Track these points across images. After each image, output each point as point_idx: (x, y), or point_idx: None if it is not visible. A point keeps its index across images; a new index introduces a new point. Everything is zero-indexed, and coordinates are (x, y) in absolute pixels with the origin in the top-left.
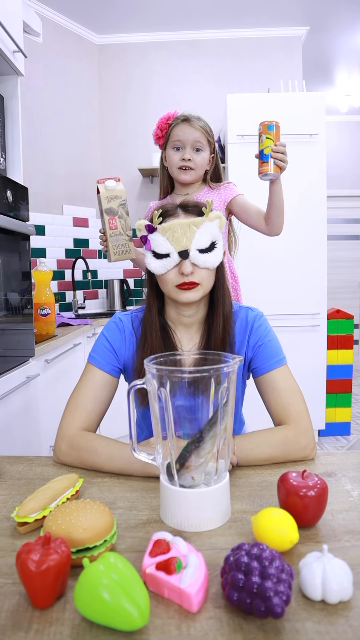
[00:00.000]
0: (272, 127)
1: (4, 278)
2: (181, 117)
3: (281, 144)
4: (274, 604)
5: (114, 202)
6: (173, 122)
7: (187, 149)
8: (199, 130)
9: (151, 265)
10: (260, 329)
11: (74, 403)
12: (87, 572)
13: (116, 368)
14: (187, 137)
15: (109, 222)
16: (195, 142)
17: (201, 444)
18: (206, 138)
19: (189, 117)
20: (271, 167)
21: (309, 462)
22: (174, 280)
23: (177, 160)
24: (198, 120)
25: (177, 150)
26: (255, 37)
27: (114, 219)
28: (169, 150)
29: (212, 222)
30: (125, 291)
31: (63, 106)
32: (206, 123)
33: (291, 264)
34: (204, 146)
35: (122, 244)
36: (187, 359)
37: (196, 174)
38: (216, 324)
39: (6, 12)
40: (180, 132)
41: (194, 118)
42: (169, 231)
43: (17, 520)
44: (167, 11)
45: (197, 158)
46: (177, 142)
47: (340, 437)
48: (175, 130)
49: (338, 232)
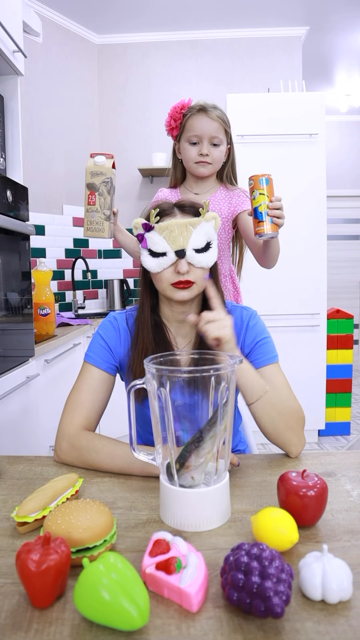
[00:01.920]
0: (265, 182)
1: (4, 278)
2: (197, 107)
3: (277, 198)
4: (273, 604)
5: (97, 178)
6: (188, 112)
7: (204, 143)
8: (216, 122)
9: (147, 263)
10: (256, 327)
11: (72, 402)
12: (87, 572)
13: (112, 366)
14: (204, 130)
15: (88, 196)
16: (213, 135)
17: (201, 444)
18: (223, 129)
19: (205, 106)
20: (268, 227)
21: (309, 462)
22: (170, 278)
23: (194, 155)
24: (215, 110)
25: (193, 145)
26: (255, 37)
27: (94, 194)
28: (184, 144)
29: (209, 223)
30: (125, 291)
31: (63, 106)
32: (223, 112)
33: (291, 264)
34: (221, 140)
35: (96, 222)
36: (186, 358)
37: (214, 167)
38: None
39: (6, 12)
40: (197, 125)
41: (210, 107)
42: (165, 230)
43: (17, 520)
44: (167, 11)
45: (214, 152)
46: (193, 137)
47: (340, 437)
48: (190, 122)
49: (338, 232)
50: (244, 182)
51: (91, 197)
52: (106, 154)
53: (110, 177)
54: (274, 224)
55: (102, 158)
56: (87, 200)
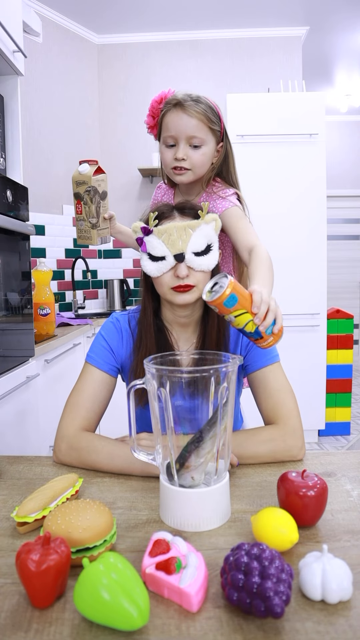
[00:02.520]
0: (231, 301)
1: (4, 278)
2: (173, 101)
3: (256, 302)
4: (273, 604)
5: (81, 187)
6: (164, 108)
7: (180, 145)
8: (194, 118)
9: (147, 267)
10: None
11: (72, 403)
12: (87, 572)
13: (114, 367)
14: (180, 129)
15: (76, 206)
16: (191, 135)
17: (201, 444)
18: (207, 127)
19: (182, 100)
20: (271, 339)
21: (309, 462)
22: (170, 282)
23: (169, 159)
24: (195, 104)
25: (170, 147)
26: (255, 37)
27: (80, 204)
28: (161, 146)
29: (208, 225)
30: (125, 291)
31: (63, 106)
32: (208, 105)
33: (291, 264)
34: (203, 140)
35: (84, 230)
36: (186, 359)
37: (194, 174)
38: (211, 326)
39: (6, 12)
40: (172, 123)
41: (189, 101)
42: (164, 234)
43: (17, 520)
44: (167, 11)
45: (194, 155)
46: (168, 138)
47: (340, 437)
48: (166, 120)
49: (338, 232)
50: (244, 185)
51: (78, 206)
52: (90, 160)
53: (94, 185)
54: (274, 333)
55: (85, 166)
56: (75, 210)
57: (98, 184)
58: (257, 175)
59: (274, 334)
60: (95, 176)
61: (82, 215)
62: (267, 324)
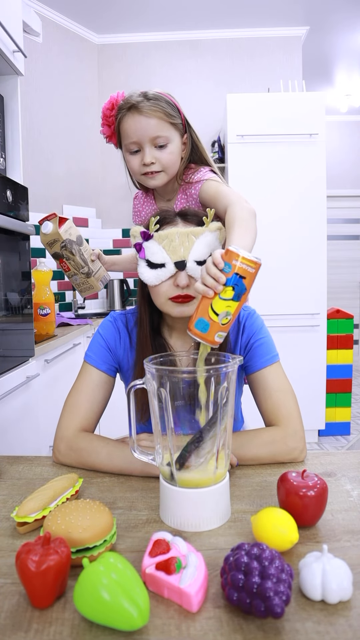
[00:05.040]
0: (201, 324)
1: (4, 278)
2: (126, 105)
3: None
4: (273, 604)
5: (55, 246)
6: (119, 114)
7: (145, 149)
8: (153, 118)
9: (144, 275)
10: (252, 327)
11: (71, 403)
12: (86, 572)
13: (112, 367)
14: (140, 132)
15: (60, 265)
16: (154, 137)
17: (201, 444)
18: (168, 123)
19: (136, 102)
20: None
21: (309, 462)
22: (168, 292)
23: (137, 166)
24: (151, 102)
25: (135, 154)
26: (255, 37)
27: (63, 262)
28: (125, 154)
29: (213, 233)
30: (125, 291)
31: (63, 106)
32: (164, 100)
33: (291, 263)
34: (167, 138)
35: (81, 283)
36: (186, 359)
37: (167, 175)
38: None
39: (6, 12)
40: (131, 128)
41: (144, 101)
42: (165, 240)
43: (17, 520)
44: (167, 11)
45: (162, 156)
46: (131, 145)
47: (340, 437)
48: (123, 126)
49: (338, 232)
50: (244, 185)
51: (62, 265)
52: (48, 216)
53: (65, 238)
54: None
55: (48, 225)
56: (62, 269)
57: (69, 234)
58: (257, 175)
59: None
60: (61, 228)
61: (71, 271)
62: (210, 285)
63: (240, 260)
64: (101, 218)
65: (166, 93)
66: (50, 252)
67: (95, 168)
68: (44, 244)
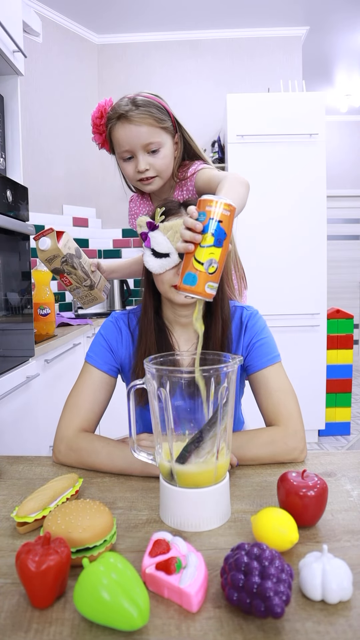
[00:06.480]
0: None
1: (4, 278)
2: (115, 115)
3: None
4: (273, 604)
5: (55, 262)
6: (108, 124)
7: (139, 156)
8: (143, 125)
9: (149, 263)
10: (255, 328)
11: (72, 403)
12: (87, 572)
13: (114, 367)
14: (132, 141)
15: (61, 280)
16: (146, 143)
17: (201, 444)
18: (158, 128)
19: (124, 112)
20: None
21: (309, 462)
22: (172, 280)
23: (132, 173)
24: (139, 109)
25: (128, 161)
26: (255, 37)
27: (64, 276)
28: (118, 161)
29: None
30: (125, 291)
31: (63, 106)
32: (152, 105)
33: (291, 263)
34: (159, 143)
35: (85, 295)
36: (187, 359)
37: (162, 179)
38: (215, 329)
39: (6, 12)
40: (123, 137)
41: (133, 110)
42: (170, 230)
43: (17, 520)
44: (167, 11)
45: (156, 161)
46: (124, 153)
47: (340, 437)
48: (115, 135)
49: (338, 232)
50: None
51: (64, 279)
52: (44, 231)
53: (65, 253)
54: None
55: (45, 241)
56: (64, 283)
57: (68, 248)
58: (257, 175)
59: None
60: (60, 243)
61: (73, 285)
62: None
63: (214, 204)
64: (101, 218)
65: (153, 95)
66: (50, 268)
67: (95, 168)
68: (43, 261)
